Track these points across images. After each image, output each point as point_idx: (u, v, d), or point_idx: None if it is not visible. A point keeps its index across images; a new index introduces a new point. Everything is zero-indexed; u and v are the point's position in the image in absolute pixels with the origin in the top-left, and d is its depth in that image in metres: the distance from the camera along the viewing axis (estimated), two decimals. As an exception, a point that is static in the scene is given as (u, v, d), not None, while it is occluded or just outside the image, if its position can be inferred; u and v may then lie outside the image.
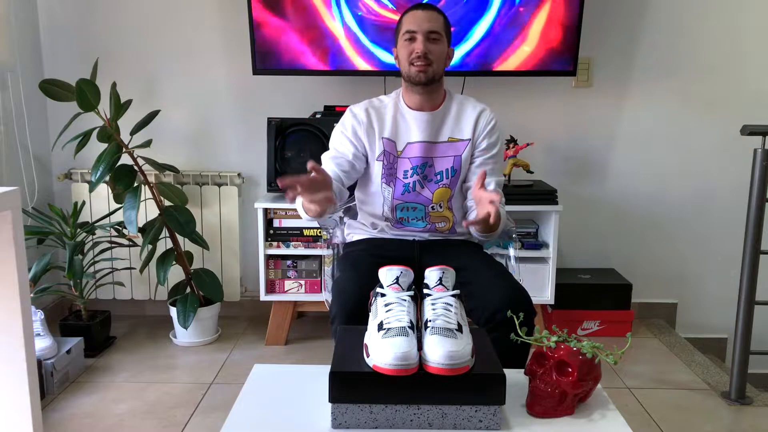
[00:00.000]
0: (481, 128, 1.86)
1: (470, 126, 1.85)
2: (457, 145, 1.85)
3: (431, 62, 1.77)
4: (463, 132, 1.86)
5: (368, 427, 1.19)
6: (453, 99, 1.89)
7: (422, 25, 1.76)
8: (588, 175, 3.00)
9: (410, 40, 1.78)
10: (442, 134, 1.85)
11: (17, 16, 2.72)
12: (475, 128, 1.86)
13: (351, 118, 1.86)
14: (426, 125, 1.83)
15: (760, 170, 2.21)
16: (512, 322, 1.42)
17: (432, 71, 1.78)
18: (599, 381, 1.31)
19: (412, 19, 1.78)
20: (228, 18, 2.85)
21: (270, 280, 2.74)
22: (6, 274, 1.09)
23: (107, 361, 2.60)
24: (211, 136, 2.97)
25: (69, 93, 2.49)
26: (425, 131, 1.83)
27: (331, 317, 1.63)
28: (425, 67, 1.77)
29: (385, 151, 1.84)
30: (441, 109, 1.86)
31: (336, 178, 1.80)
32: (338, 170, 1.81)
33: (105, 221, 2.76)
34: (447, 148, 1.85)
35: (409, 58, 1.77)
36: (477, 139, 1.86)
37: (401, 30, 1.81)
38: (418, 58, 1.76)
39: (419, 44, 1.76)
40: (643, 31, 2.88)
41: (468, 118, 1.86)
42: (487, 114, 1.88)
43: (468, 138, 1.85)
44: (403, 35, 1.79)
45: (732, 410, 2.26)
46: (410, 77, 1.80)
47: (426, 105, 1.85)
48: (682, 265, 3.07)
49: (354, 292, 1.58)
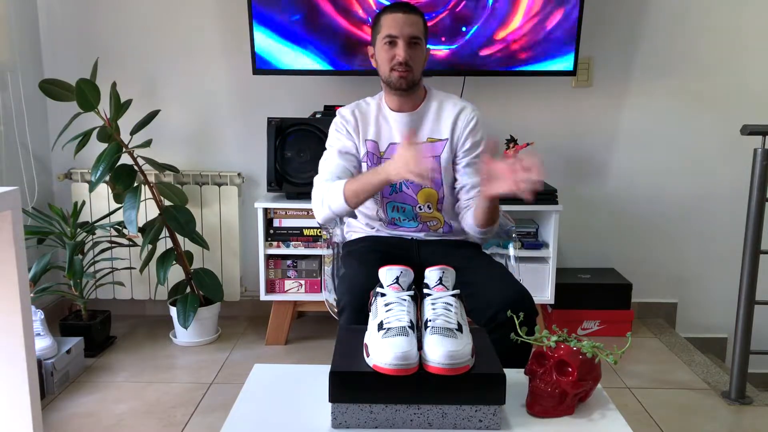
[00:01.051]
0: (461, 128, 1.85)
1: (449, 126, 1.85)
2: (435, 145, 1.85)
3: (412, 69, 1.77)
4: (441, 132, 1.86)
5: (368, 427, 1.19)
6: (433, 98, 1.89)
7: (404, 30, 1.75)
8: (588, 175, 3.00)
9: (391, 44, 1.76)
10: (422, 134, 1.86)
11: (17, 16, 2.72)
12: (453, 128, 1.85)
13: (341, 119, 1.89)
14: (406, 126, 1.84)
15: (760, 170, 2.21)
16: (513, 322, 1.42)
17: (412, 77, 1.78)
18: (599, 381, 1.31)
19: (392, 23, 1.76)
20: (228, 18, 2.85)
21: (270, 279, 2.74)
22: (6, 274, 1.09)
23: (107, 361, 2.60)
24: (211, 136, 2.97)
25: (69, 93, 2.49)
26: (405, 132, 1.84)
27: (340, 309, 1.63)
28: (406, 73, 1.76)
29: (368, 152, 1.86)
30: (420, 109, 1.86)
31: (346, 172, 1.81)
32: (348, 165, 1.83)
33: (105, 221, 2.76)
34: (427, 148, 1.85)
35: (390, 63, 1.77)
36: (458, 139, 1.85)
37: (380, 32, 1.78)
38: (400, 65, 1.75)
39: (401, 51, 1.75)
40: (643, 31, 2.88)
41: (447, 118, 1.86)
42: (468, 112, 1.86)
43: (446, 138, 1.85)
44: (383, 38, 1.77)
45: (732, 410, 2.26)
46: (390, 83, 1.79)
47: (405, 106, 1.85)
48: (682, 264, 3.07)
49: (363, 284, 1.57)
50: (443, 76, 2.69)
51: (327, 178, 1.80)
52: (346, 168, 1.82)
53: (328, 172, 1.82)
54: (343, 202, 1.72)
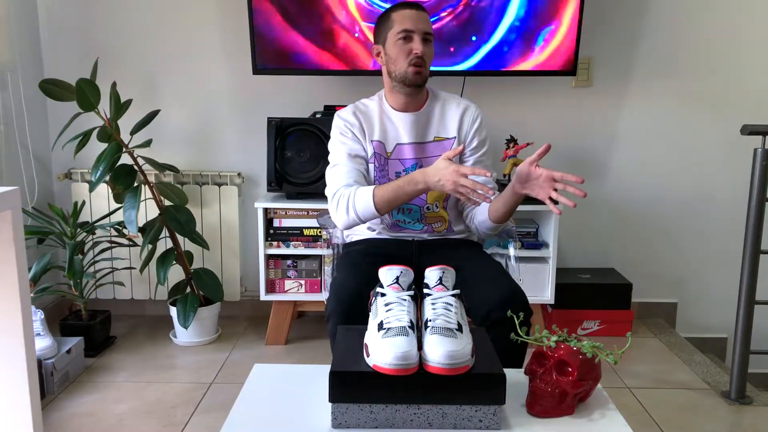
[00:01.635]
0: (467, 126, 1.86)
1: (455, 124, 1.86)
2: (444, 143, 1.86)
3: (426, 64, 1.78)
4: (448, 130, 1.86)
5: (368, 427, 1.19)
6: (436, 98, 1.89)
7: (419, 25, 1.76)
8: (588, 175, 3.00)
9: (406, 40, 1.76)
10: (429, 134, 1.86)
11: (17, 16, 2.72)
12: (460, 126, 1.86)
13: (343, 122, 1.85)
14: (412, 126, 1.84)
15: (760, 170, 2.21)
16: (508, 321, 1.42)
17: (425, 74, 1.79)
18: (599, 381, 1.31)
19: (407, 18, 1.76)
20: (228, 18, 2.85)
21: (270, 279, 2.74)
22: (6, 273, 1.09)
23: (107, 360, 2.60)
24: (211, 135, 2.97)
25: (69, 93, 2.49)
26: (412, 132, 1.84)
27: (327, 315, 1.63)
28: (422, 68, 1.77)
29: (375, 153, 1.84)
30: (425, 108, 1.86)
31: (359, 175, 1.80)
32: (360, 168, 1.81)
33: (105, 221, 2.76)
34: (435, 147, 1.85)
35: (407, 58, 1.76)
36: (465, 137, 1.86)
37: (393, 27, 1.78)
38: (418, 58, 1.75)
39: (418, 44, 1.75)
40: (643, 31, 2.88)
41: (452, 117, 1.86)
42: (472, 111, 1.87)
43: (454, 136, 1.86)
44: (398, 34, 1.76)
45: (732, 410, 2.26)
46: (406, 78, 1.77)
47: (410, 106, 1.85)
48: (682, 264, 3.07)
49: (350, 292, 1.58)
50: (443, 76, 2.69)
51: (346, 183, 1.76)
52: (359, 171, 1.80)
53: (343, 177, 1.78)
54: (373, 210, 1.71)
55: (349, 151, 1.82)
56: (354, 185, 1.76)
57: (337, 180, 1.79)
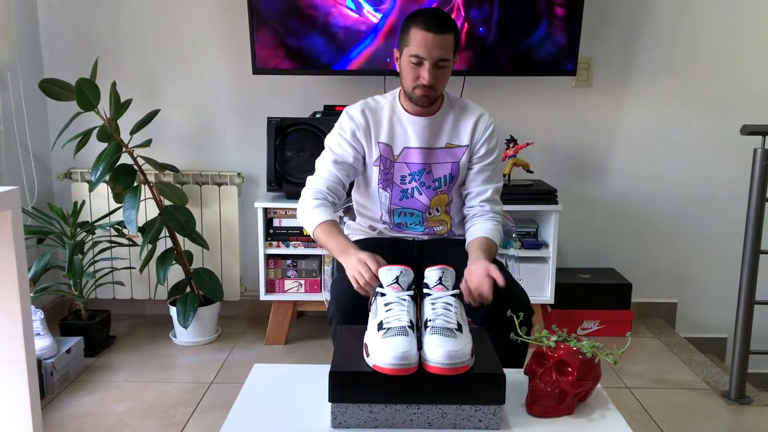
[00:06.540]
0: (479, 134, 1.82)
1: (468, 132, 1.82)
2: (455, 151, 1.82)
3: (435, 89, 1.72)
4: (461, 138, 1.82)
5: (368, 427, 1.19)
6: (452, 103, 1.84)
7: (432, 53, 1.66)
8: (588, 175, 3.00)
9: (417, 65, 1.68)
10: (440, 140, 1.82)
11: (17, 16, 2.72)
12: (473, 134, 1.82)
13: (348, 120, 1.81)
14: (423, 131, 1.80)
15: (760, 170, 2.21)
16: (508, 322, 1.42)
17: (434, 95, 1.74)
18: (599, 381, 1.31)
19: (422, 43, 1.65)
20: (228, 18, 2.85)
21: (270, 279, 2.74)
22: (6, 273, 1.08)
23: (107, 360, 2.60)
24: (211, 135, 2.97)
25: (69, 92, 2.49)
26: (423, 137, 1.80)
27: (329, 318, 1.63)
28: (429, 92, 1.71)
29: (381, 155, 1.81)
30: (439, 114, 1.81)
31: (338, 183, 1.79)
32: (341, 175, 1.79)
33: (105, 221, 2.76)
34: (445, 154, 1.82)
35: (414, 82, 1.71)
36: (475, 145, 1.83)
37: (408, 45, 1.69)
38: (423, 87, 1.70)
39: (426, 73, 1.67)
40: (643, 31, 2.88)
41: (466, 125, 1.82)
42: (486, 119, 1.83)
43: (466, 144, 1.82)
44: (410, 56, 1.68)
45: (732, 410, 2.26)
46: (411, 98, 1.74)
47: (424, 110, 1.79)
48: (682, 264, 3.07)
49: (351, 293, 1.58)
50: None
51: (317, 190, 1.77)
52: (338, 177, 1.78)
53: (319, 182, 1.78)
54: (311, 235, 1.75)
55: (337, 157, 1.80)
56: (321, 198, 1.75)
57: (314, 180, 1.81)
